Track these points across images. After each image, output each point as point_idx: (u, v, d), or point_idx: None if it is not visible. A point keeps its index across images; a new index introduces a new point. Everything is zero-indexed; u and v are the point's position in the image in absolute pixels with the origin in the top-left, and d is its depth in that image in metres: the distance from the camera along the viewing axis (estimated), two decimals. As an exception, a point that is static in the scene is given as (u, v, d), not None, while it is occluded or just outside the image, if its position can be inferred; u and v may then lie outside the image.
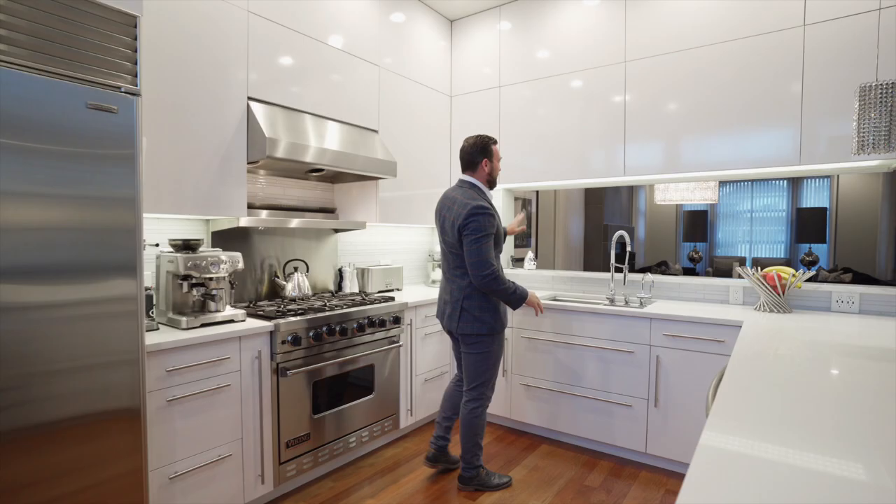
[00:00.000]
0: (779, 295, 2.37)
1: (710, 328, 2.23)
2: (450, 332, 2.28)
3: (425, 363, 2.88)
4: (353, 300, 2.57)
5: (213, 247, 2.33)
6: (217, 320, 1.95)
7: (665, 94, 2.61)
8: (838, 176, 8.56)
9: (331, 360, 2.24)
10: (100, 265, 1.43)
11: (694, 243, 9.47)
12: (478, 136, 2.23)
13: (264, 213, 2.65)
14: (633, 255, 7.99)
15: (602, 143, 2.85)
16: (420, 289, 3.36)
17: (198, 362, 1.76)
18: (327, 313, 2.25)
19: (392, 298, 2.69)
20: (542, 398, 2.75)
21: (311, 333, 2.15)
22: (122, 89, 1.47)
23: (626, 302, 2.89)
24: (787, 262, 8.75)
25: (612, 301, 2.94)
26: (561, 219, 5.97)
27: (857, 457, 0.78)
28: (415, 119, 3.16)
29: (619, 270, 3.31)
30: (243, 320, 2.04)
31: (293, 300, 2.53)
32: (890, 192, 6.79)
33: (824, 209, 8.25)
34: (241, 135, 2.13)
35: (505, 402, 2.89)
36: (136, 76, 1.51)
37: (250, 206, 2.56)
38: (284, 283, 2.58)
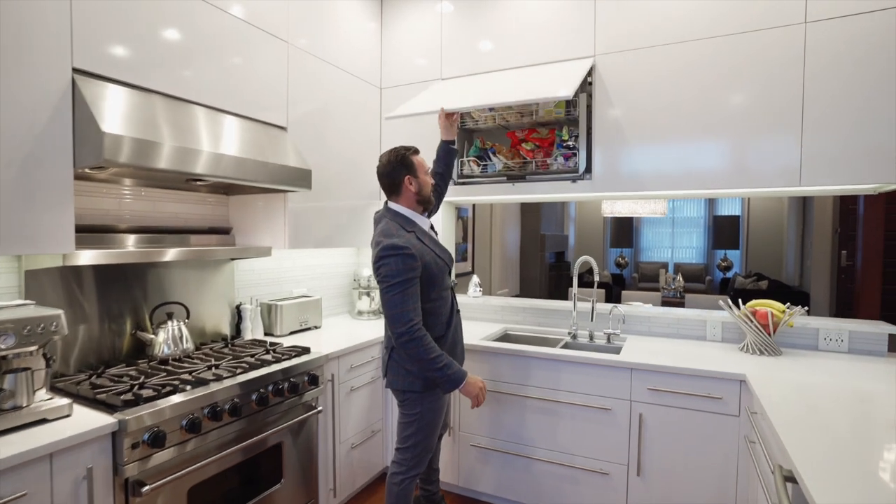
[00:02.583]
0: (768, 335, 2.05)
1: (705, 382, 1.85)
2: None
3: (352, 425, 2.27)
4: (253, 359, 1.90)
5: (25, 297, 1.56)
6: (13, 426, 1.21)
7: (642, 94, 2.21)
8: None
9: (218, 455, 1.57)
10: None
11: (620, 249, 9.60)
12: (392, 150, 1.77)
13: (131, 239, 1.90)
14: (567, 265, 7.84)
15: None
16: (344, 323, 2.73)
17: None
18: (211, 388, 1.57)
19: (307, 350, 2.05)
20: (498, 462, 2.25)
21: (184, 423, 1.46)
22: None
23: (592, 338, 2.47)
24: (705, 268, 9.10)
25: (574, 337, 2.51)
26: (497, 228, 5.57)
27: None
28: (336, 114, 2.52)
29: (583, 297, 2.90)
30: (68, 415, 1.32)
31: (164, 363, 1.81)
32: (796, 202, 7.19)
33: (738, 217, 8.66)
34: (60, 127, 1.39)
35: (452, 466, 2.36)
36: None
37: (110, 230, 1.81)
38: (152, 336, 1.85)
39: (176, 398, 1.47)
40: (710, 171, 2.09)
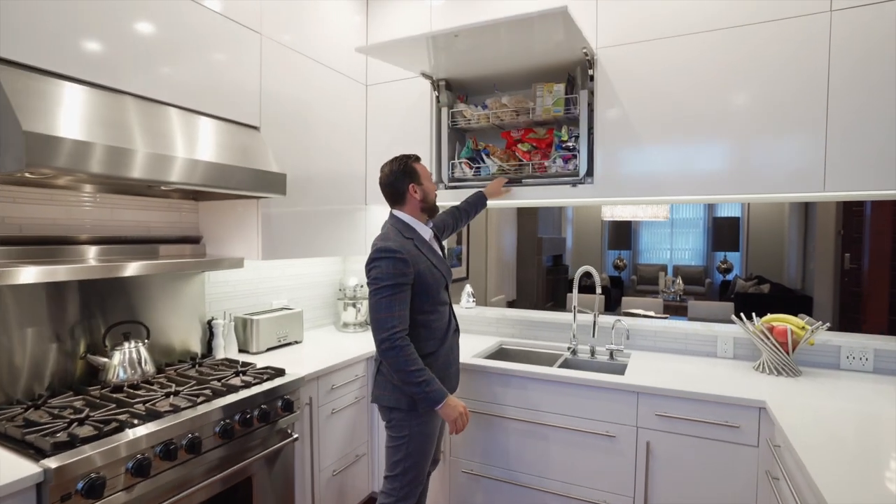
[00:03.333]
0: (787, 353, 1.88)
1: (720, 408, 1.67)
2: None
3: (333, 451, 2.08)
4: (220, 383, 1.71)
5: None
6: (-86, 480, 1.03)
7: (649, 90, 2.03)
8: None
9: (173, 498, 1.38)
10: None
11: (618, 251, 9.44)
12: (393, 160, 1.73)
13: (92, 251, 1.72)
14: (565, 268, 7.67)
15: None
16: (328, 337, 2.54)
17: None
18: (165, 422, 1.38)
19: (282, 372, 1.86)
20: (492, 491, 2.07)
21: (130, 466, 1.27)
22: None
23: (593, 353, 2.30)
24: (704, 270, 8.95)
25: (574, 352, 2.33)
26: (493, 231, 5.39)
27: None
28: (317, 113, 2.34)
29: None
30: (-12, 461, 1.13)
31: (118, 389, 1.62)
32: (798, 203, 7.04)
33: (737, 218, 8.51)
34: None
35: (442, 494, 2.18)
36: None
37: (67, 242, 1.63)
38: (105, 360, 1.65)
39: (122, 436, 1.28)
40: (722, 174, 1.91)
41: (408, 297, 1.58)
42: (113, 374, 1.64)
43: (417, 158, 1.75)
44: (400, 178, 1.70)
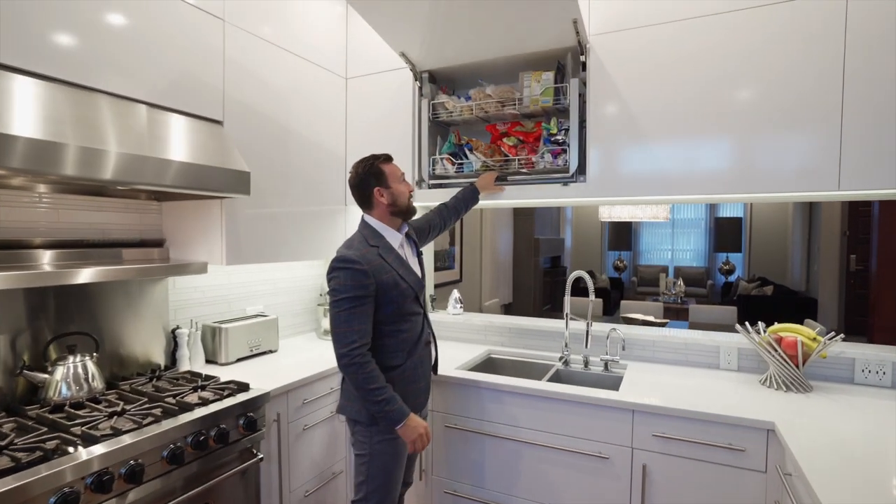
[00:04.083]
0: (796, 367, 1.72)
1: (724, 430, 1.51)
2: None
3: (306, 470, 1.93)
4: (174, 400, 1.56)
5: None
6: None
7: (646, 81, 1.87)
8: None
9: (108, 533, 1.23)
10: None
11: (619, 252, 9.27)
12: (360, 162, 1.62)
13: (47, 256, 1.58)
14: (564, 269, 7.52)
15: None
16: (306, 345, 2.39)
17: None
18: (99, 449, 1.23)
19: (245, 387, 1.71)
20: (477, 513, 1.92)
21: (53, 502, 1.12)
22: None
23: (587, 364, 2.14)
24: (706, 272, 8.78)
25: (566, 363, 2.18)
26: (488, 233, 5.23)
27: None
28: (291, 107, 2.18)
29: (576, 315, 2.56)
30: None
31: (58, 409, 1.47)
32: (802, 203, 6.86)
33: (740, 219, 8.34)
34: None
35: (424, 516, 2.03)
36: None
37: (17, 246, 1.49)
38: (45, 376, 1.50)
39: (44, 468, 1.13)
40: (726, 172, 1.75)
41: (369, 310, 1.48)
42: (54, 391, 1.48)
43: (387, 158, 1.63)
44: (365, 181, 1.58)
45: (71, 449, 1.22)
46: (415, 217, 1.76)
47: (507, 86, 2.12)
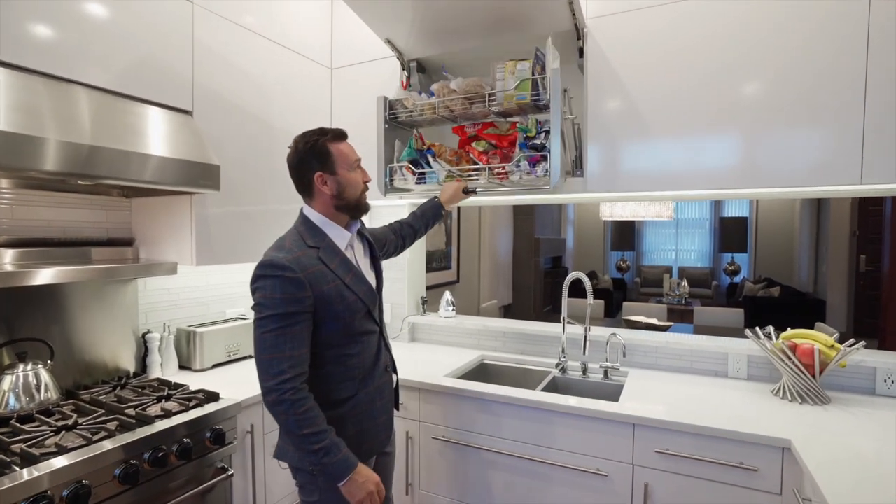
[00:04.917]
0: (813, 377, 1.58)
1: (734, 447, 1.38)
2: None
3: (282, 486, 1.80)
4: (135, 412, 1.44)
5: None
6: None
7: (650, 68, 1.74)
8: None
9: (49, 563, 1.10)
10: None
11: (622, 252, 9.12)
12: (302, 135, 1.27)
13: (9, 254, 1.47)
14: (565, 270, 7.37)
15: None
16: (288, 351, 2.26)
17: None
18: (40, 469, 1.11)
19: (215, 396, 1.58)
20: (467, 532, 1.78)
21: (-20, 531, 1.00)
22: None
23: (585, 371, 2.01)
24: (711, 272, 8.62)
25: (563, 370, 2.04)
26: (487, 233, 5.10)
27: None
28: (271, 98, 2.06)
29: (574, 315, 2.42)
30: None
31: (5, 422, 1.35)
32: (810, 201, 6.70)
33: (745, 218, 8.18)
34: None
35: (411, 533, 1.90)
36: None
37: None
38: (-8, 387, 1.38)
39: (-28, 493, 1.01)
40: (734, 166, 1.62)
41: (306, 331, 1.15)
42: (0, 403, 1.36)
43: (339, 135, 1.28)
44: (305, 162, 1.24)
45: (7, 470, 1.10)
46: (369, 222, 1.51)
47: (476, 78, 1.76)
